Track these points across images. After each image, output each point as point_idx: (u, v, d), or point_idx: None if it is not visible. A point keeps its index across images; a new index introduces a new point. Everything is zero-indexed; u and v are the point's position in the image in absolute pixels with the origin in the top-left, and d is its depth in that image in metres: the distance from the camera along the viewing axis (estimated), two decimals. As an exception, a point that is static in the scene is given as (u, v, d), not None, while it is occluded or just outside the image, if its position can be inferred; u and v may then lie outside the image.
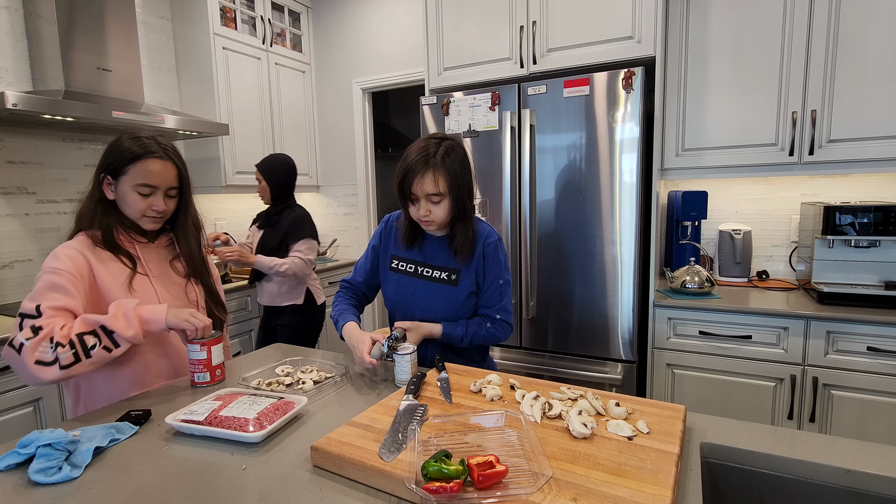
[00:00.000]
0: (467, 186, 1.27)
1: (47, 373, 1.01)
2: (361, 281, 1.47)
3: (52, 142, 2.40)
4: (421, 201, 1.24)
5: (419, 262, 1.38)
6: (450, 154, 1.23)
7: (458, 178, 1.24)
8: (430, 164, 1.21)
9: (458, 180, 1.24)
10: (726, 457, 0.89)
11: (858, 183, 2.19)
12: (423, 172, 1.21)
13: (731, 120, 2.13)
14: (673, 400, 2.04)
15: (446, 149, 1.23)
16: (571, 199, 2.02)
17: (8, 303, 2.25)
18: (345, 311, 1.39)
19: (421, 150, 1.23)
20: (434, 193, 1.22)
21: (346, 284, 1.49)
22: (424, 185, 1.21)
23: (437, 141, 1.25)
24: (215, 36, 2.81)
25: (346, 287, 1.49)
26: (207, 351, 1.21)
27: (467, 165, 1.28)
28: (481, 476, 0.70)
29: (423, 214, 1.25)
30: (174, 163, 1.23)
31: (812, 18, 1.95)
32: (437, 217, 1.26)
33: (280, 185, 2.36)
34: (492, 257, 1.35)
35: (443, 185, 1.22)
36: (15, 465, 0.85)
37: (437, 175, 1.21)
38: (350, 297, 1.47)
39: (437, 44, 2.37)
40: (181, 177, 1.26)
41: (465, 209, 1.28)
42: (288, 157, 2.42)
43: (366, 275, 1.47)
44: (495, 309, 1.36)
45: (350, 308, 1.42)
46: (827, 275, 1.99)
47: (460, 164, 1.25)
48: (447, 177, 1.22)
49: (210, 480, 0.81)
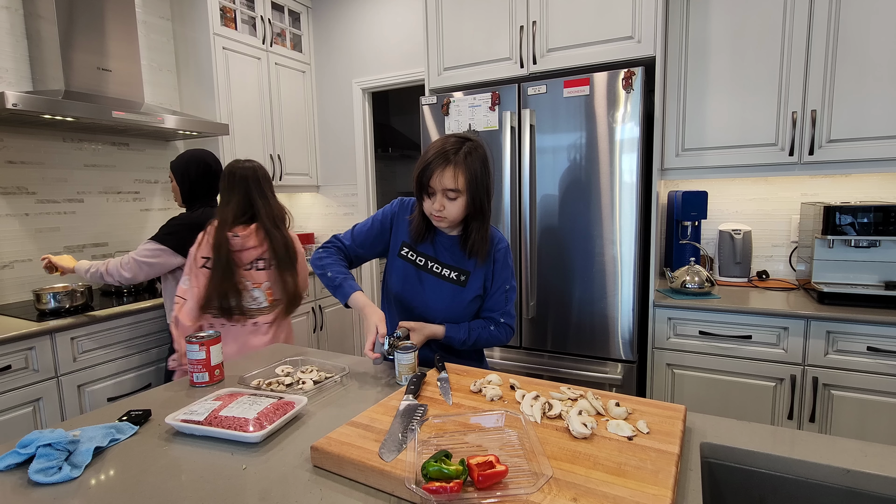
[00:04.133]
0: (486, 187, 1.27)
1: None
2: (357, 249, 1.41)
3: (52, 142, 2.40)
4: (437, 195, 1.24)
5: (430, 257, 1.37)
6: (472, 153, 1.24)
7: (478, 177, 1.25)
8: (452, 160, 1.22)
9: (477, 180, 1.24)
10: (726, 457, 0.89)
11: (858, 183, 2.19)
12: (443, 167, 1.22)
13: (731, 120, 2.13)
14: (673, 400, 2.04)
15: (469, 148, 1.24)
16: (571, 199, 2.02)
17: (8, 303, 2.25)
18: (347, 276, 1.33)
19: (443, 145, 1.24)
20: (452, 189, 1.23)
21: (339, 244, 1.41)
22: (444, 180, 1.22)
23: (461, 140, 1.26)
24: (215, 36, 2.81)
25: (339, 248, 1.41)
26: (206, 351, 1.21)
27: (488, 167, 1.28)
28: (481, 476, 0.70)
29: (437, 209, 1.25)
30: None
31: (812, 18, 1.95)
32: (450, 213, 1.26)
33: (192, 185, 2.00)
34: (501, 263, 1.36)
35: (462, 181, 1.22)
36: (15, 465, 0.85)
37: (458, 171, 1.22)
38: (343, 259, 1.40)
39: (437, 44, 2.37)
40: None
41: (482, 209, 1.28)
42: (207, 154, 2.04)
43: (363, 245, 1.41)
44: (500, 313, 1.38)
45: (349, 274, 1.36)
46: (827, 275, 1.99)
47: (481, 165, 1.26)
48: (467, 174, 1.23)
49: (210, 480, 0.81)
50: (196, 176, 1.99)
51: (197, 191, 2.02)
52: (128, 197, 2.74)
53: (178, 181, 2.00)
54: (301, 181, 3.50)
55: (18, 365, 1.79)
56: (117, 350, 2.10)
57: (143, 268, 1.90)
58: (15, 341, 1.77)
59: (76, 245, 2.51)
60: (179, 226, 1.93)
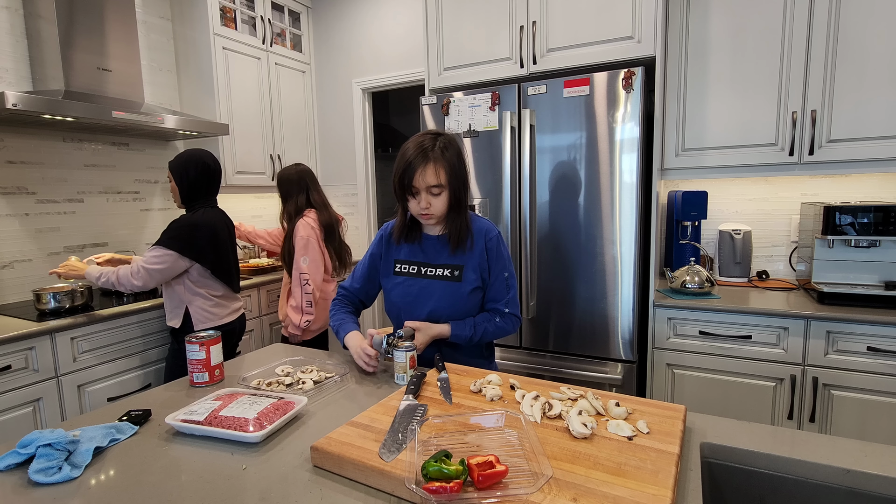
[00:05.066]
0: (464, 179, 1.32)
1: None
2: (359, 287, 1.50)
3: (52, 142, 2.40)
4: (422, 194, 1.27)
5: (421, 263, 1.39)
6: (448, 148, 1.28)
7: (457, 170, 1.29)
8: (431, 157, 1.25)
9: (456, 172, 1.29)
10: (726, 457, 0.89)
11: (858, 183, 2.19)
12: (424, 165, 1.24)
13: (731, 120, 2.13)
14: (673, 400, 2.04)
15: (444, 143, 1.28)
16: (571, 199, 2.02)
17: (8, 303, 2.25)
18: (345, 321, 1.42)
19: (419, 144, 1.27)
20: (435, 185, 1.25)
21: (342, 292, 1.52)
22: (426, 178, 1.25)
23: (434, 136, 1.29)
24: (215, 36, 2.81)
25: (342, 295, 1.52)
26: (206, 351, 1.21)
27: (463, 159, 1.33)
28: (481, 476, 0.70)
29: (424, 207, 1.28)
30: None
31: (812, 18, 1.95)
32: (436, 209, 1.29)
33: (191, 185, 1.98)
34: (494, 252, 1.37)
35: (443, 176, 1.26)
36: (15, 465, 0.85)
37: (438, 167, 1.25)
38: (346, 304, 1.50)
39: (437, 44, 2.37)
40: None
41: (459, 200, 1.32)
42: (205, 154, 2.02)
43: (363, 281, 1.49)
44: (503, 302, 1.38)
45: (349, 317, 1.45)
46: (827, 275, 1.99)
47: (457, 158, 1.30)
48: (447, 168, 1.26)
49: (210, 480, 0.81)
50: (195, 176, 1.98)
51: (196, 190, 2.00)
52: (128, 197, 2.74)
53: (176, 181, 1.98)
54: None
55: (18, 365, 1.79)
56: (117, 350, 2.10)
57: (154, 275, 1.90)
58: (15, 341, 1.77)
59: (76, 245, 2.51)
60: (181, 227, 1.92)
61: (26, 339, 1.80)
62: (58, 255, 2.43)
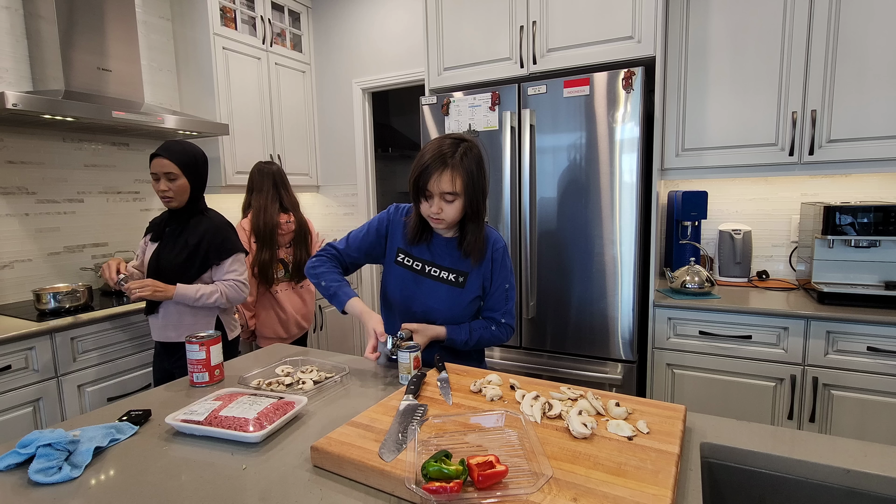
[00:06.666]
0: (482, 188, 1.27)
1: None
2: (353, 254, 1.41)
3: (52, 142, 2.40)
4: (435, 198, 1.24)
5: (427, 261, 1.37)
6: (468, 154, 1.23)
7: (474, 179, 1.24)
8: (449, 163, 1.21)
9: (473, 181, 1.24)
10: (726, 457, 0.89)
11: (858, 183, 2.19)
12: (440, 170, 1.21)
13: (731, 120, 2.13)
14: (673, 400, 2.04)
15: (464, 149, 1.23)
16: (571, 199, 2.02)
17: (8, 303, 2.25)
18: (342, 284, 1.36)
19: (438, 148, 1.22)
20: (449, 192, 1.22)
21: (332, 251, 1.42)
22: (441, 183, 1.21)
23: (455, 141, 1.24)
24: (215, 36, 2.80)
25: (333, 255, 1.41)
26: (206, 351, 1.21)
27: (483, 168, 1.27)
28: (481, 476, 0.70)
29: (435, 212, 1.25)
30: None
31: (812, 18, 1.95)
32: (448, 216, 1.26)
33: (203, 184, 1.84)
34: (500, 263, 1.36)
35: (459, 184, 1.22)
36: (15, 465, 0.85)
37: (455, 174, 1.21)
38: (337, 266, 1.41)
39: (437, 44, 2.37)
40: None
41: (477, 210, 1.28)
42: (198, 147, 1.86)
43: (359, 250, 1.41)
44: (501, 312, 1.38)
45: (344, 281, 1.38)
46: (827, 275, 1.99)
47: (477, 166, 1.25)
48: (464, 177, 1.22)
49: (210, 480, 0.81)
50: (205, 171, 1.84)
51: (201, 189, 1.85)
52: (128, 197, 2.74)
53: (188, 177, 1.75)
54: (301, 181, 3.50)
55: (18, 365, 1.79)
56: (117, 350, 2.10)
57: (247, 281, 1.91)
58: (15, 341, 1.77)
59: (76, 245, 2.51)
60: (232, 230, 1.88)
61: (26, 339, 1.80)
62: (58, 254, 2.43)
